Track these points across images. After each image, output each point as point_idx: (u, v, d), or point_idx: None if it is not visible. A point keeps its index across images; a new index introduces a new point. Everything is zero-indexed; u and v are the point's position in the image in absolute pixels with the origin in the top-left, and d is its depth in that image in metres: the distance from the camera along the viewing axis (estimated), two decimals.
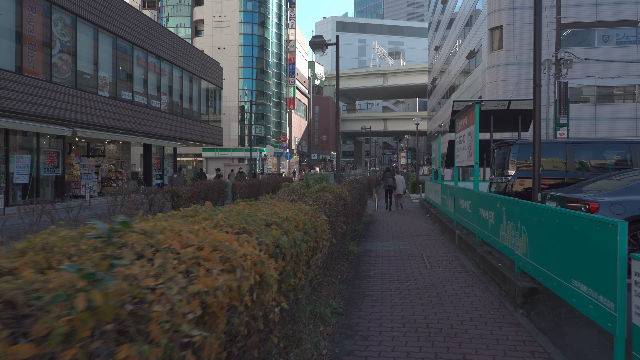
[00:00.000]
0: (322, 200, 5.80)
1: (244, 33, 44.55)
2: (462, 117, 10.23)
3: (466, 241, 8.05)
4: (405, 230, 11.37)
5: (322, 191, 6.85)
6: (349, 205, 7.40)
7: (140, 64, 22.10)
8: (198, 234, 1.98)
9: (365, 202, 13.77)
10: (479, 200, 7.53)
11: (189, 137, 27.21)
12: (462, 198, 9.34)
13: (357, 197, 10.64)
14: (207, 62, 30.30)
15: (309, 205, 5.07)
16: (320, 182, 7.94)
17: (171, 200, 14.18)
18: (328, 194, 6.23)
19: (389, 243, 9.32)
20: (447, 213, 11.80)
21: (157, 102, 23.55)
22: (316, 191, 6.72)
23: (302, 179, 7.31)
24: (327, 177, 8.13)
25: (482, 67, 28.77)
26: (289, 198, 5.73)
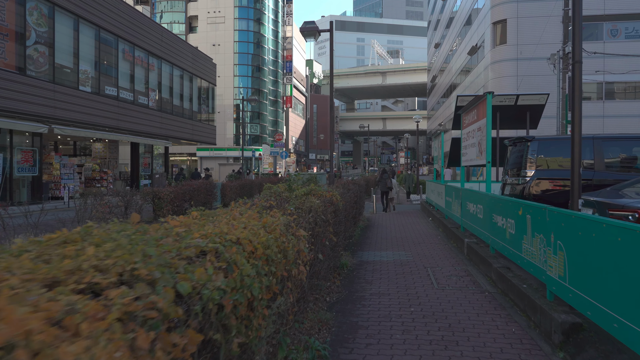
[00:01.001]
0: (306, 206, 4.71)
1: (239, 29, 43.41)
2: (470, 111, 9.14)
3: (477, 252, 6.96)
4: (407, 236, 10.28)
5: (309, 195, 5.76)
6: (341, 211, 6.31)
7: (126, 58, 20.99)
8: None
9: (362, 204, 12.68)
10: (494, 205, 6.44)
11: (179, 135, 26.10)
12: (471, 202, 8.25)
13: (352, 201, 9.56)
14: (199, 58, 29.19)
15: (287, 213, 3.99)
16: (308, 184, 6.85)
17: (152, 203, 13.11)
18: (315, 198, 5.14)
19: (389, 253, 8.22)
20: (452, 217, 10.71)
21: (144, 99, 22.44)
22: (301, 195, 5.63)
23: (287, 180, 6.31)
24: (317, 178, 7.03)
25: (484, 63, 27.69)
26: (265, 204, 4.66)
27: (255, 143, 45.22)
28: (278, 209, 4.60)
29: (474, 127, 8.54)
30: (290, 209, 4.42)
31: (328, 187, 7.65)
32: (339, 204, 5.83)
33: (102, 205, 11.11)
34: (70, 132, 17.20)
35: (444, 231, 10.68)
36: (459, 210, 9.49)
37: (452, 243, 9.13)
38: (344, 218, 6.89)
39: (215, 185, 16.61)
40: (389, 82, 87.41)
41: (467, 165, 9.56)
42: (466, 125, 9.54)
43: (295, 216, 3.83)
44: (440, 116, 50.21)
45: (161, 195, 12.84)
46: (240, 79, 43.75)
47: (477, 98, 7.91)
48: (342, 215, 6.58)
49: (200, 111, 29.55)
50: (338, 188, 7.32)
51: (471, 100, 8.51)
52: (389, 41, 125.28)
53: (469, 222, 8.45)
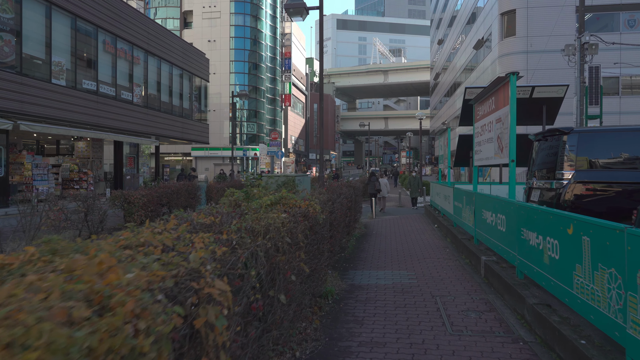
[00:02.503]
0: (262, 225, 3.21)
1: (235, 25, 41.90)
2: (485, 100, 7.61)
3: (499, 275, 5.44)
4: (409, 248, 8.75)
5: (277, 204, 4.27)
6: (322, 226, 4.78)
7: (107, 50, 19.51)
8: None
9: (358, 209, 11.17)
10: (524, 216, 4.92)
11: (168, 134, 24.61)
12: (488, 209, 6.72)
13: (345, 207, 8.04)
14: (190, 53, 27.71)
15: (220, 240, 2.57)
16: (280, 189, 5.36)
17: (122, 208, 11.63)
18: (280, 213, 3.63)
19: (387, 273, 6.69)
20: (462, 226, 9.18)
21: (128, 94, 20.96)
22: (267, 205, 4.13)
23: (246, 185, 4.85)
24: (297, 182, 5.54)
25: (491, 57, 26.13)
26: (204, 220, 3.21)
27: (252, 143, 43.73)
28: (221, 226, 3.14)
29: (491, 118, 7.01)
30: (233, 230, 2.95)
31: (312, 193, 6.16)
32: (318, 218, 4.31)
33: (57, 212, 9.66)
34: (40, 129, 15.74)
35: (453, 242, 9.15)
36: (472, 218, 7.96)
37: (464, 259, 7.60)
38: (328, 233, 5.38)
39: (199, 187, 15.13)
40: (391, 81, 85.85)
41: (481, 165, 8.04)
42: (480, 117, 8.02)
43: (225, 248, 2.32)
44: (444, 115, 48.66)
45: (132, 199, 11.35)
46: (236, 76, 42.24)
47: (497, 81, 6.40)
48: (325, 231, 5.06)
49: (192, 109, 28.07)
50: (324, 194, 5.80)
51: (488, 86, 7.01)
52: (391, 40, 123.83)
53: (485, 235, 6.92)
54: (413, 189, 19.27)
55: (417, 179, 19.38)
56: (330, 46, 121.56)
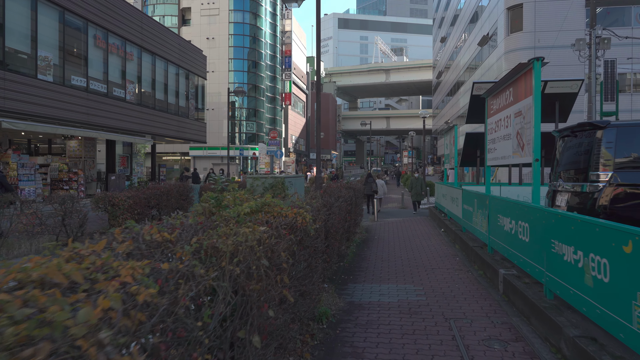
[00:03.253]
0: (230, 244, 2.43)
1: (234, 22, 41.10)
2: (500, 92, 6.80)
3: (523, 293, 4.65)
4: (415, 257, 7.95)
5: (259, 212, 3.49)
6: (316, 237, 3.99)
7: (99, 45, 18.74)
8: None
9: (360, 212, 10.37)
10: (555, 226, 4.12)
11: (163, 132, 23.84)
12: (506, 215, 5.92)
13: (344, 211, 7.26)
14: (187, 49, 26.94)
15: (164, 270, 1.78)
16: (267, 192, 4.59)
17: (106, 211, 10.87)
18: (256, 226, 2.85)
19: (392, 287, 5.90)
20: (473, 231, 8.37)
21: (121, 91, 20.19)
22: (245, 214, 3.36)
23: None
24: (286, 184, 4.76)
25: (497, 54, 25.30)
26: (156, 237, 2.44)
27: (251, 142, 42.95)
28: (175, 244, 2.40)
29: (509, 112, 6.21)
30: (187, 250, 2.19)
31: (306, 196, 5.37)
32: (308, 229, 3.52)
33: (29, 216, 8.88)
34: (25, 127, 14.97)
35: (463, 249, 8.34)
36: (485, 224, 7.16)
37: (477, 270, 6.79)
38: (323, 245, 4.59)
39: (191, 187, 14.37)
40: (392, 80, 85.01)
41: (495, 165, 7.23)
42: (494, 112, 7.21)
43: (153, 291, 1.55)
44: (447, 114, 47.85)
45: (116, 201, 10.59)
46: (235, 74, 41.45)
47: (517, 69, 5.59)
48: (319, 243, 4.27)
49: (189, 107, 27.30)
50: (318, 198, 5.01)
51: (505, 76, 6.20)
52: (392, 39, 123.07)
53: (501, 243, 6.13)
54: (415, 191, 17.17)
55: (419, 180, 17.21)
56: (331, 45, 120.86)
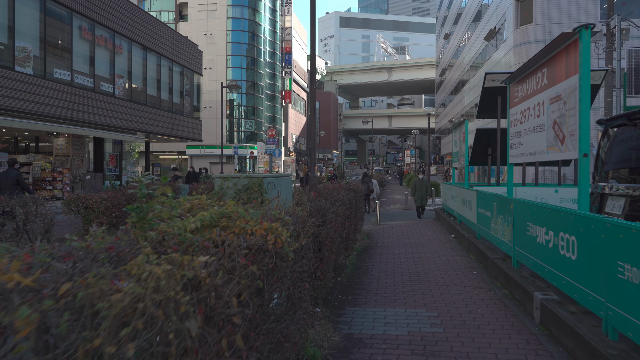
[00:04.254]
0: (118, 301, 1.27)
1: (232, 17, 40.00)
2: (528, 75, 5.69)
3: (574, 330, 3.55)
4: (425, 269, 6.85)
5: (214, 227, 2.41)
6: (300, 259, 2.90)
7: (85, 36, 17.67)
8: None
9: (361, 217, 9.27)
10: (627, 245, 3.02)
11: (155, 130, 22.78)
12: (539, 224, 4.81)
13: (342, 218, 6.19)
14: (181, 43, 25.86)
15: None
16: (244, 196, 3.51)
17: (79, 214, 9.81)
18: (187, 257, 1.74)
19: (400, 312, 4.80)
20: (491, 240, 7.25)
21: (109, 86, 19.12)
22: (195, 230, 2.28)
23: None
24: (265, 185, 3.66)
25: (505, 47, 24.16)
26: None
27: (250, 141, 41.86)
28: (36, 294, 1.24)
29: (541, 98, 5.11)
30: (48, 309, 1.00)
31: (294, 203, 4.28)
32: (284, 252, 2.42)
33: None
34: (0, 123, 13.92)
35: (480, 260, 7.24)
36: (508, 232, 6.05)
37: (501, 288, 5.68)
38: (312, 265, 3.48)
39: (180, 188, 13.30)
40: (394, 79, 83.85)
41: (521, 162, 6.12)
42: (519, 100, 6.10)
43: None
44: (450, 112, 46.71)
45: (89, 203, 9.53)
46: (233, 71, 40.35)
47: (556, 42, 4.48)
48: (306, 263, 3.17)
49: (183, 104, 26.23)
50: (306, 204, 3.91)
51: (536, 55, 5.08)
52: (394, 38, 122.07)
53: (533, 258, 5.03)
54: (419, 195, 14.76)
55: (425, 182, 14.89)
56: (333, 44, 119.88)
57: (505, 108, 12.10)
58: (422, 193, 14.77)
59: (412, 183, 17.45)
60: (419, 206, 14.96)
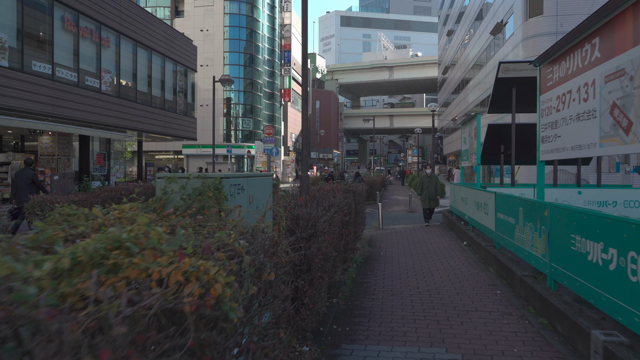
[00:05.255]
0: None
1: (230, 13, 38.90)
2: (572, 49, 4.59)
3: None
4: (438, 287, 5.74)
5: (97, 266, 1.30)
6: (256, 315, 1.81)
7: (68, 28, 16.60)
8: None
9: (361, 222, 8.17)
10: None
11: (146, 128, 21.70)
12: (593, 238, 3.71)
13: (339, 226, 5.11)
14: (174, 38, 24.79)
15: None
16: (195, 204, 2.44)
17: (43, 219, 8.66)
18: None
19: (411, 352, 3.69)
20: (516, 251, 6.14)
21: (95, 81, 18.05)
22: (59, 275, 1.16)
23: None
24: (224, 190, 2.59)
25: (513, 41, 23.05)
26: None
27: (248, 140, 40.77)
28: None
29: (591, 76, 4.02)
30: None
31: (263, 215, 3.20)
32: (221, 313, 1.33)
33: None
34: None
35: (503, 276, 6.13)
36: (542, 245, 4.95)
37: (536, 315, 4.57)
38: (288, 304, 2.38)
39: None
40: (396, 77, 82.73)
41: (555, 159, 5.03)
42: (556, 83, 5.01)
43: None
44: (454, 111, 45.60)
45: (55, 207, 8.38)
46: (230, 68, 39.25)
47: (616, 2, 3.41)
48: (278, 305, 2.07)
49: (176, 101, 25.16)
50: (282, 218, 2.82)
51: (581, 24, 4.01)
52: (396, 37, 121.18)
53: (581, 280, 3.93)
54: (426, 195, 12.27)
55: (433, 179, 12.49)
56: (333, 43, 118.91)
57: (524, 100, 11.02)
58: (430, 192, 12.28)
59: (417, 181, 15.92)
60: (427, 208, 12.48)
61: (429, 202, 12.29)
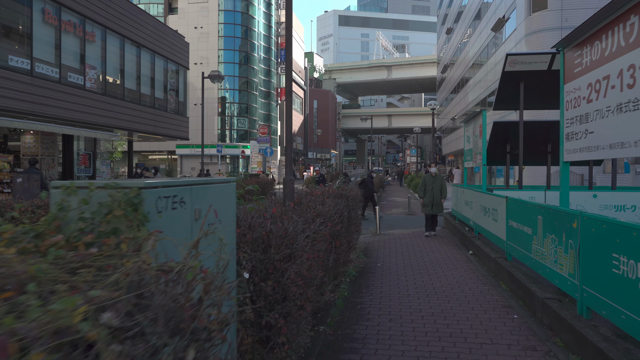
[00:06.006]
0: None
1: (224, 10, 38.02)
2: (606, 27, 3.77)
3: None
4: (444, 309, 4.90)
5: None
6: None
7: (48, 21, 15.74)
8: None
9: (355, 230, 7.31)
10: None
11: (134, 127, 20.83)
12: None
13: (326, 241, 4.29)
14: (165, 34, 23.93)
15: None
16: (104, 227, 1.61)
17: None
18: None
19: None
20: (533, 266, 5.30)
21: (78, 77, 17.18)
22: None
23: None
24: (145, 209, 1.77)
25: (515, 37, 22.25)
26: None
27: (243, 140, 39.91)
28: None
29: (636, 57, 3.21)
30: None
31: (192, 246, 2.39)
32: None
33: None
34: None
35: (517, 293, 5.30)
36: (569, 262, 4.12)
37: (566, 351, 3.73)
38: None
39: None
40: (394, 77, 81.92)
41: (585, 159, 4.23)
42: (586, 68, 4.20)
43: None
44: (453, 111, 44.82)
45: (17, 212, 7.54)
46: (225, 67, 38.35)
47: None
48: None
49: (167, 99, 24.29)
50: (222, 253, 2.00)
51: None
52: (394, 37, 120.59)
53: (628, 313, 3.12)
54: (430, 198, 10.13)
55: (438, 179, 10.30)
56: (332, 43, 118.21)
57: (533, 96, 10.20)
58: (434, 195, 10.12)
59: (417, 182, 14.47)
60: (430, 214, 10.35)
61: (432, 207, 10.21)
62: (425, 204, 10.31)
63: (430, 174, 10.52)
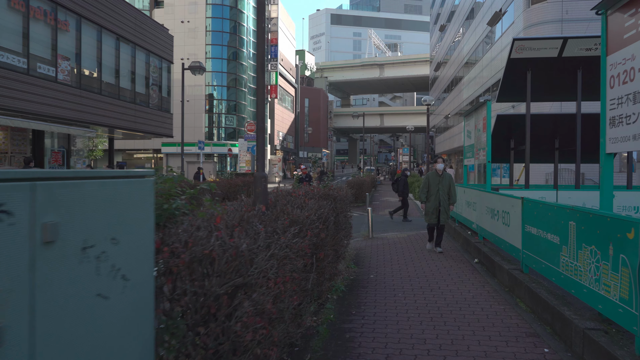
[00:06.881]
0: None
1: (212, 3, 36.79)
2: None
3: None
4: (453, 338, 3.89)
5: None
6: None
7: (14, 7, 14.55)
8: None
9: (345, 236, 6.29)
10: None
11: (113, 123, 19.65)
12: None
13: (305, 255, 3.22)
14: (146, 25, 22.75)
15: None
16: None
17: None
18: None
19: None
20: (562, 284, 4.31)
21: (50, 69, 15.98)
22: None
23: None
24: None
25: (513, 30, 21.39)
26: None
27: (232, 138, 38.74)
28: None
29: None
30: None
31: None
32: None
33: None
34: None
35: (541, 316, 4.31)
36: (623, 286, 3.15)
37: None
38: None
39: None
40: (387, 75, 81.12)
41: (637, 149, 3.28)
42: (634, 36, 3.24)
43: None
44: (446, 109, 44.04)
45: None
46: (213, 62, 37.16)
47: None
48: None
49: (149, 94, 23.12)
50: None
51: None
52: (386, 36, 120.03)
53: None
54: (434, 204, 7.76)
55: (446, 180, 7.97)
56: (324, 42, 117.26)
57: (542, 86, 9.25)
58: (441, 199, 7.80)
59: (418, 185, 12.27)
60: (434, 224, 7.92)
61: (437, 214, 7.77)
62: (429, 211, 7.80)
63: (436, 171, 8.04)
